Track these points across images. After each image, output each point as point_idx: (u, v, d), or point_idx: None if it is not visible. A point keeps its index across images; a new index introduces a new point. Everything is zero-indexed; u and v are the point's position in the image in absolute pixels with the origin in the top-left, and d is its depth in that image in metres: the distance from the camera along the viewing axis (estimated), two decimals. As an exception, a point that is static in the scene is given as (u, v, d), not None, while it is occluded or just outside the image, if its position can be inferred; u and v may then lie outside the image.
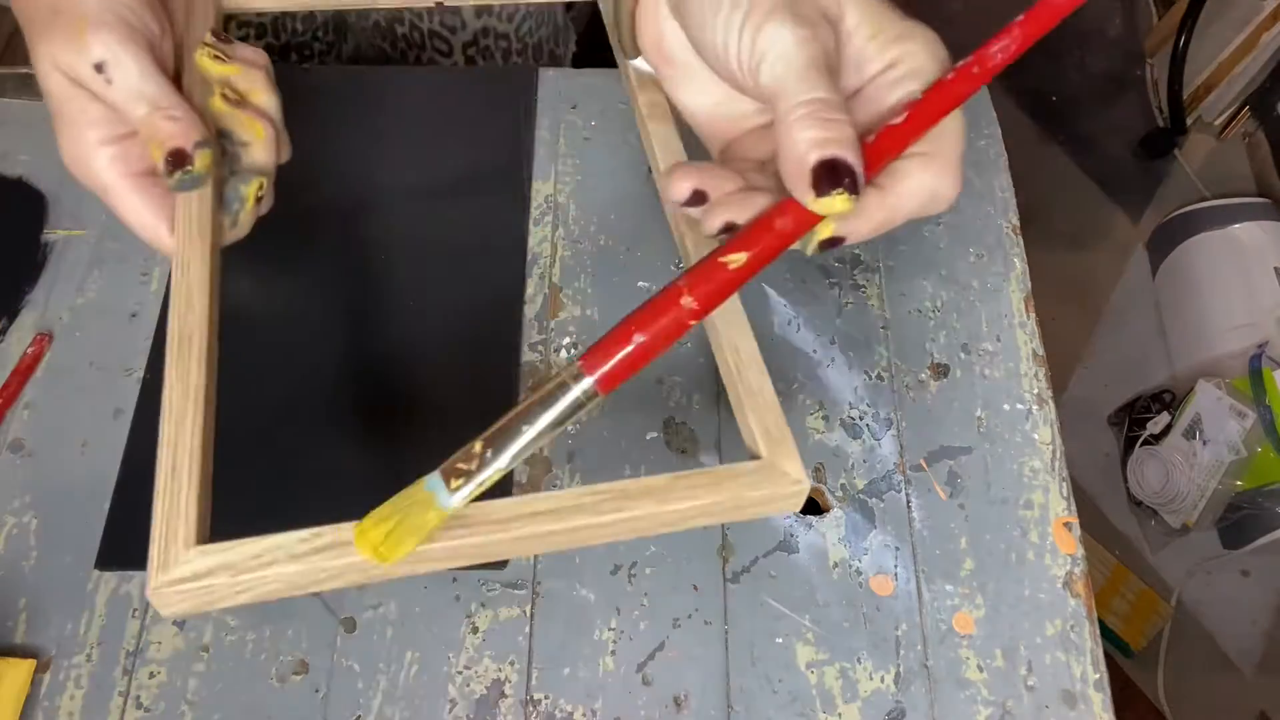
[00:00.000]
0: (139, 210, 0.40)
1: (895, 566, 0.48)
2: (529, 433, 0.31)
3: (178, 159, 0.38)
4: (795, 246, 0.33)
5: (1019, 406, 0.52)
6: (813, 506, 0.50)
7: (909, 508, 0.49)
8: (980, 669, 0.45)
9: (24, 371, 0.51)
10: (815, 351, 0.53)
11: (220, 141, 0.41)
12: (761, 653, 0.46)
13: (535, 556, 0.47)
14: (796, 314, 0.54)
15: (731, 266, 0.32)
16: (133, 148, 0.40)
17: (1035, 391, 0.52)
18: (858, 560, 0.48)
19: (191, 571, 0.30)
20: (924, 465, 0.50)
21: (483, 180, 0.58)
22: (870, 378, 0.52)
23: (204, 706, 0.44)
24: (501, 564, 0.47)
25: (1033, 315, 0.55)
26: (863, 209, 0.32)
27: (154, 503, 0.32)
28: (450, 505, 0.31)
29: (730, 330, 0.36)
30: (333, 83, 0.61)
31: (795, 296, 0.55)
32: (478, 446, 0.31)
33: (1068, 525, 0.49)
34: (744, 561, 0.47)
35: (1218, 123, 1.60)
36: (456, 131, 0.59)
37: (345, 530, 0.31)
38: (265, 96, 0.42)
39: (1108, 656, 0.46)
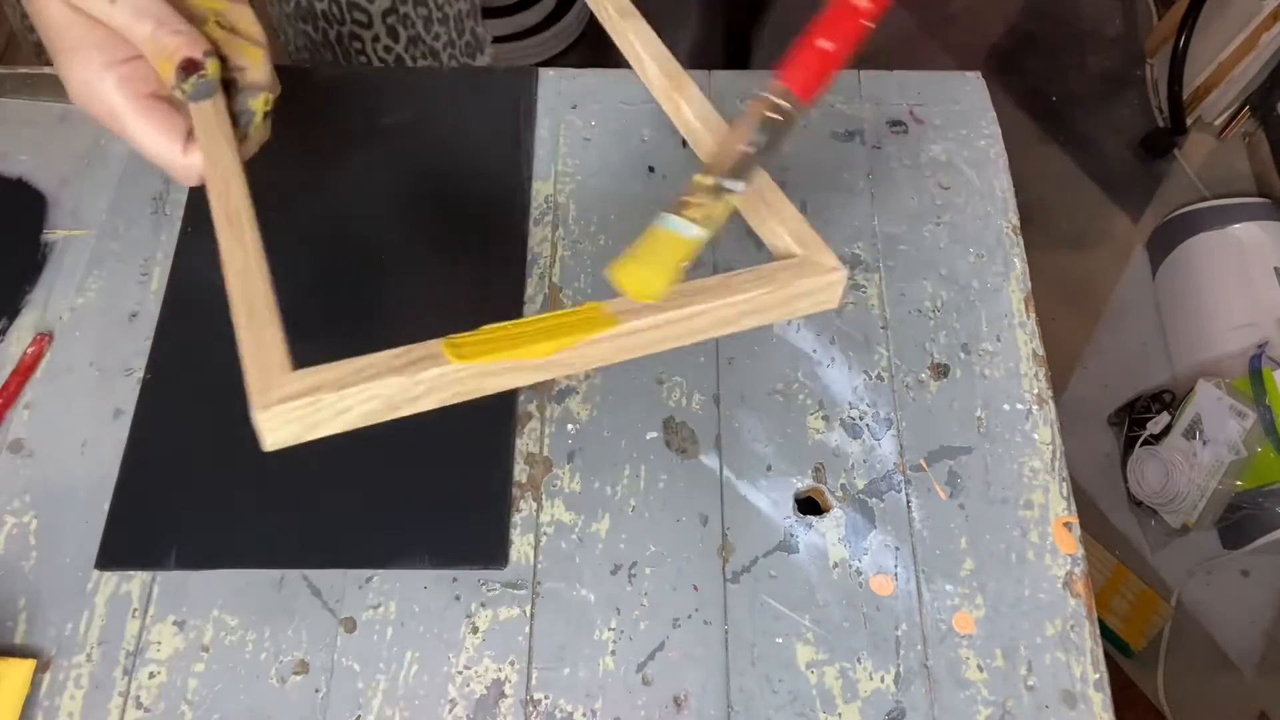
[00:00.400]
0: (149, 131, 0.40)
1: (895, 566, 0.48)
2: (751, 155, 0.32)
3: (190, 66, 0.39)
4: None
5: (1019, 406, 0.52)
6: (813, 506, 0.50)
7: (909, 508, 0.49)
8: (980, 669, 0.45)
9: (24, 371, 0.51)
10: (815, 351, 0.53)
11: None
12: (761, 653, 0.46)
13: (535, 557, 0.47)
14: (796, 314, 0.54)
15: None
16: (138, 69, 0.40)
17: (1035, 391, 0.52)
18: (858, 560, 0.48)
19: (296, 390, 0.30)
20: (924, 465, 0.50)
21: (482, 180, 0.58)
22: (870, 378, 0.52)
23: (204, 706, 0.44)
24: (502, 564, 0.47)
25: (1033, 315, 0.55)
26: None
27: (239, 345, 0.32)
28: (693, 234, 0.32)
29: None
30: (333, 83, 0.61)
31: (795, 296, 0.55)
32: (701, 179, 0.32)
33: (1068, 525, 0.49)
34: (744, 561, 0.47)
35: (1218, 123, 1.59)
36: (456, 131, 0.59)
37: (434, 345, 0.32)
38: (254, 28, 0.43)
39: (1108, 656, 0.46)
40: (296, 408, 0.30)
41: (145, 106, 0.40)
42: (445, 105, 0.60)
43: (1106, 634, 1.26)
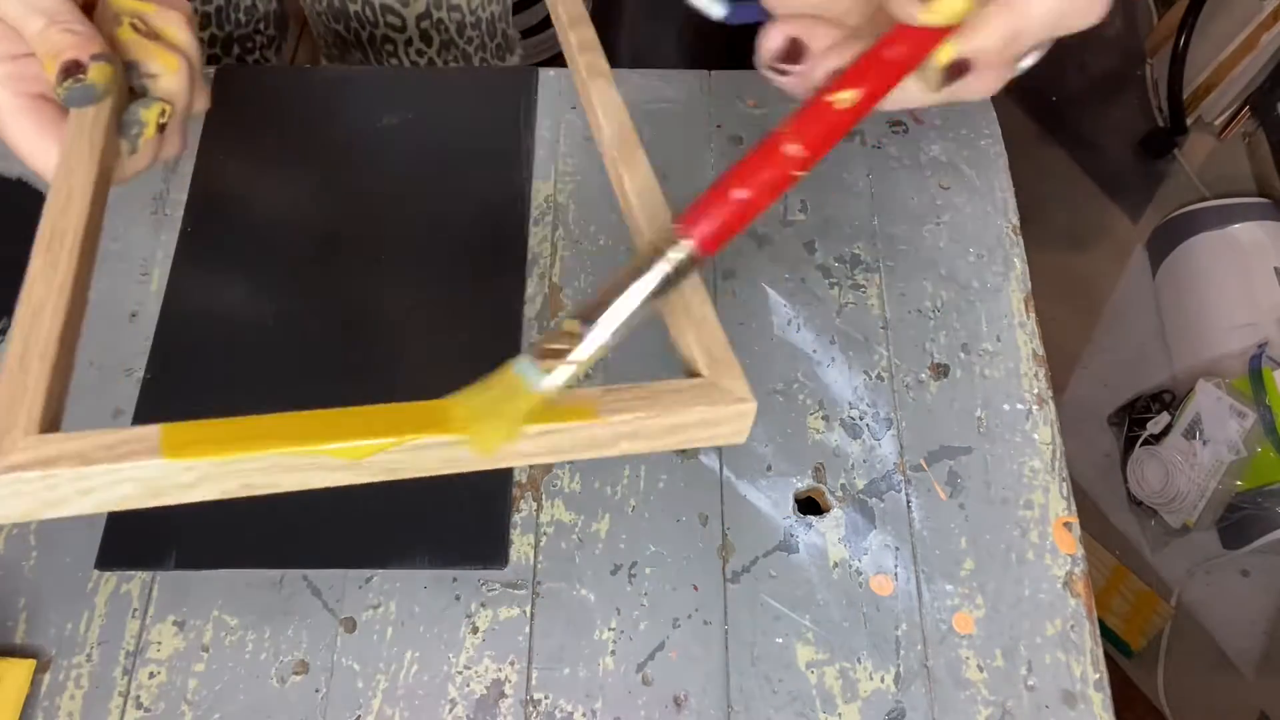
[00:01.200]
0: (26, 131, 0.37)
1: (895, 566, 0.48)
2: (625, 305, 0.28)
3: (71, 68, 0.35)
4: (915, 83, 0.30)
5: (1019, 406, 0.52)
6: (813, 506, 0.50)
7: (909, 508, 0.49)
8: (980, 669, 0.45)
9: (24, 371, 0.51)
10: (815, 351, 0.53)
11: (127, 74, 0.39)
12: (761, 653, 0.45)
13: (535, 557, 0.47)
14: (796, 314, 0.54)
15: (839, 106, 0.29)
16: (28, 68, 0.37)
17: (1035, 391, 0.52)
18: (858, 560, 0.48)
19: (27, 459, 0.25)
20: (924, 465, 0.50)
21: (483, 180, 0.58)
22: (870, 378, 0.52)
23: (204, 706, 0.44)
24: (502, 564, 0.47)
25: (1033, 315, 0.55)
26: (983, 18, 0.28)
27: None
28: (541, 387, 0.28)
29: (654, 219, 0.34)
30: (333, 83, 0.61)
31: (795, 296, 0.55)
32: (569, 324, 0.28)
33: (1068, 525, 0.49)
34: (744, 561, 0.47)
35: (1218, 123, 1.59)
36: (456, 132, 0.59)
37: (152, 432, 0.27)
38: (182, 35, 0.40)
39: (1108, 656, 0.46)
40: (25, 480, 0.25)
41: (26, 106, 0.37)
42: (445, 105, 0.60)
43: (1106, 634, 1.26)
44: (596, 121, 0.39)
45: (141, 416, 0.50)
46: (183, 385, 0.51)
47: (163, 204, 0.56)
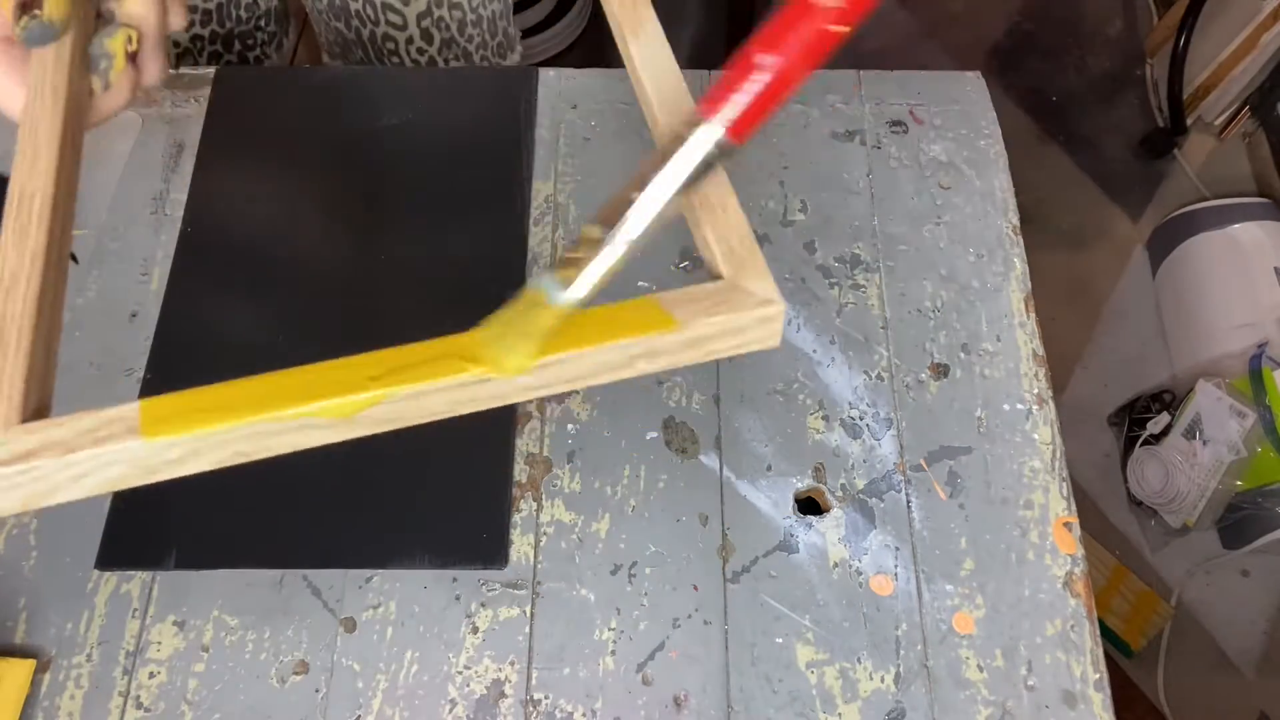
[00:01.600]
0: None
1: (895, 566, 0.48)
2: (647, 206, 0.25)
3: (26, 3, 0.33)
4: None
5: (1019, 406, 0.52)
6: (813, 506, 0.50)
7: (909, 508, 0.49)
8: (980, 669, 0.45)
9: (24, 371, 0.51)
10: (815, 351, 0.53)
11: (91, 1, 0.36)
12: (761, 653, 0.45)
13: (535, 557, 0.47)
14: (796, 314, 0.54)
15: None
16: None
17: (1035, 391, 0.52)
18: (858, 560, 0.48)
19: (10, 453, 0.24)
20: (924, 465, 0.50)
21: (483, 180, 0.58)
22: (870, 378, 0.52)
23: (204, 706, 0.44)
24: (502, 564, 0.47)
25: (1033, 315, 0.55)
26: None
27: None
28: (562, 300, 0.25)
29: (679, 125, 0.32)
30: (333, 83, 0.61)
31: (795, 296, 0.55)
32: (589, 230, 0.26)
33: (1068, 525, 0.49)
34: (744, 561, 0.47)
35: (1218, 123, 1.59)
36: (456, 131, 0.59)
37: (131, 412, 0.26)
38: None
39: (1108, 656, 0.46)
40: (13, 475, 0.24)
41: None
42: (445, 105, 0.60)
43: (1106, 634, 1.26)
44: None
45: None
46: (183, 385, 0.51)
47: (163, 204, 0.56)
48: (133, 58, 0.36)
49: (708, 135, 0.25)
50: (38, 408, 0.27)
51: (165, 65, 0.38)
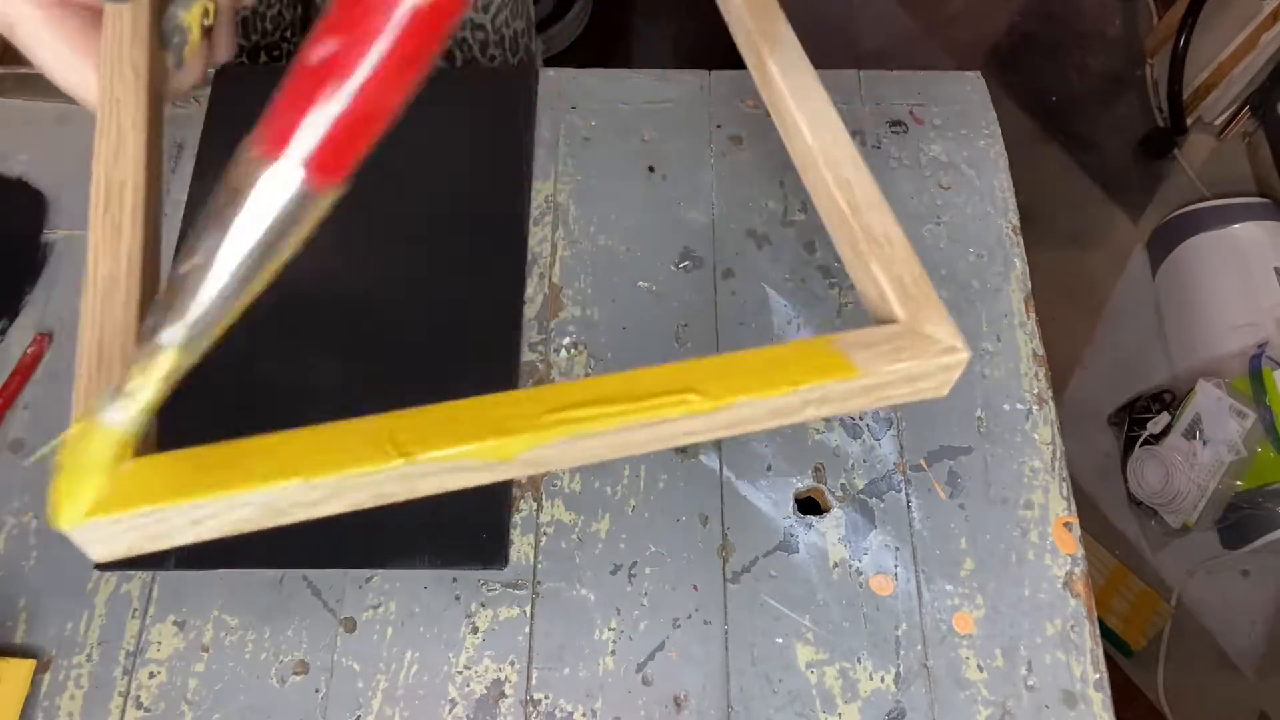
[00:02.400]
0: (56, 48, 0.32)
1: (895, 566, 0.48)
2: (214, 281, 0.20)
3: None
4: None
5: (1019, 406, 0.52)
6: (813, 506, 0.50)
7: (909, 508, 0.49)
8: (980, 669, 0.45)
9: (24, 371, 0.51)
10: (815, 351, 0.53)
11: None
12: (761, 653, 0.45)
13: (535, 557, 0.47)
14: (796, 314, 0.54)
15: None
16: None
17: (1035, 391, 0.52)
18: (858, 560, 0.48)
19: (128, 498, 0.21)
20: (924, 465, 0.50)
21: (483, 180, 0.58)
22: (870, 378, 0.52)
23: (204, 706, 0.44)
24: (502, 564, 0.47)
25: (1033, 315, 0.55)
26: None
27: (74, 399, 0.23)
28: (113, 420, 0.21)
29: (830, 148, 0.27)
30: (333, 83, 0.61)
31: (795, 296, 0.55)
32: (145, 326, 0.21)
33: (1068, 525, 0.49)
34: (744, 561, 0.47)
35: (1218, 123, 1.59)
36: (457, 131, 0.59)
37: (377, 428, 0.24)
38: None
39: (1108, 656, 0.46)
40: (129, 519, 0.21)
41: (51, 17, 0.32)
42: (445, 105, 0.60)
43: (1106, 634, 1.26)
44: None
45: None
46: (182, 385, 0.51)
47: (162, 204, 0.56)
48: (208, 32, 0.33)
49: (282, 181, 0.19)
50: (149, 436, 0.24)
51: (234, 40, 0.35)
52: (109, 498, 0.21)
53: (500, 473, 0.23)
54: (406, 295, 0.54)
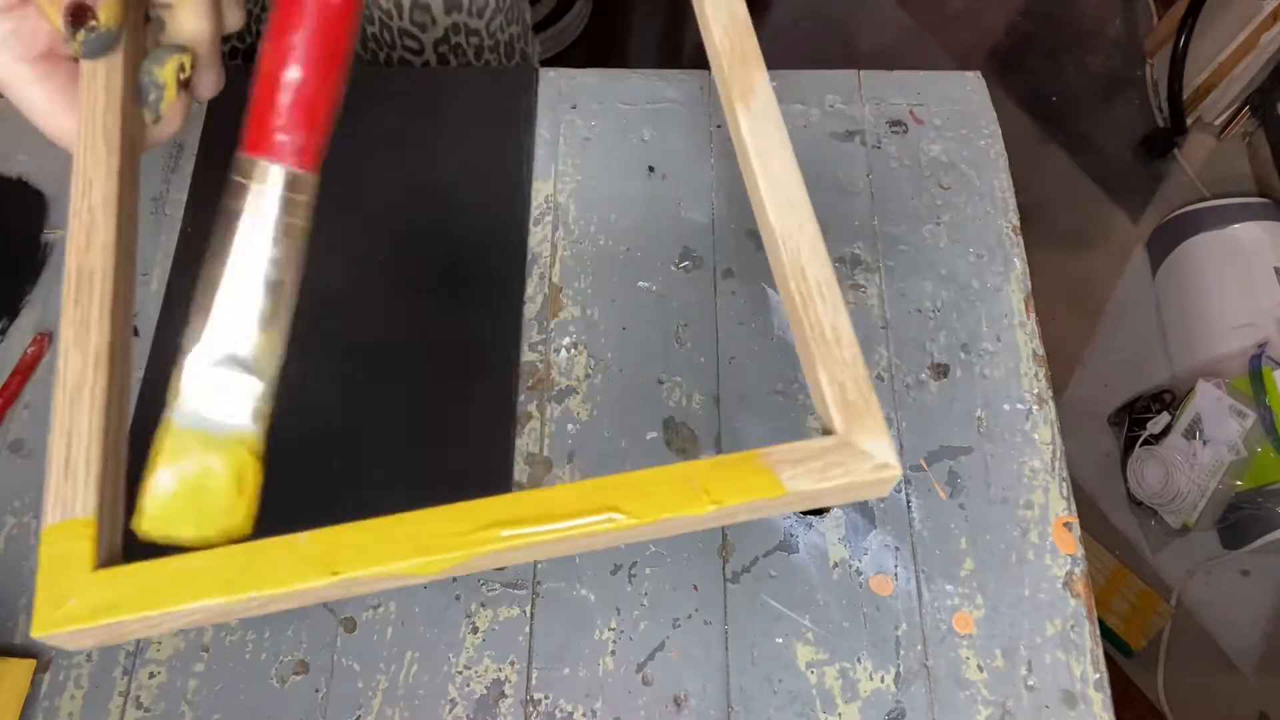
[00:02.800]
0: (41, 102, 0.32)
1: (895, 566, 0.48)
2: (231, 286, 0.23)
3: (78, 14, 0.30)
4: None
5: (1019, 406, 0.52)
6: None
7: (909, 508, 0.49)
8: (980, 669, 0.45)
9: (24, 371, 0.51)
10: (815, 351, 0.53)
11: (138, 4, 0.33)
12: (761, 653, 0.46)
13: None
14: (796, 314, 0.54)
15: None
16: (26, 24, 0.32)
17: (1035, 391, 0.52)
18: (858, 560, 0.48)
19: (92, 610, 0.23)
20: (924, 465, 0.50)
21: (483, 180, 0.58)
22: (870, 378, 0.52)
23: (204, 706, 0.44)
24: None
25: (1033, 315, 0.55)
26: None
27: (43, 506, 0.24)
28: (227, 426, 0.23)
29: (793, 232, 0.27)
30: (333, 83, 0.61)
31: (795, 296, 0.55)
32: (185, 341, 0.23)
33: (1068, 525, 0.49)
34: (744, 561, 0.47)
35: (1218, 123, 1.59)
36: (456, 131, 0.59)
37: (294, 548, 0.25)
38: None
39: (1108, 656, 0.46)
40: (93, 631, 0.23)
41: (37, 73, 0.31)
42: (445, 105, 0.60)
43: (1106, 634, 1.26)
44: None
45: (141, 417, 0.50)
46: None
47: (163, 204, 0.56)
48: (185, 84, 0.33)
49: (274, 180, 0.22)
50: (111, 547, 0.24)
51: (221, 75, 0.35)
52: (78, 611, 0.23)
53: (427, 578, 0.25)
54: (406, 296, 0.54)
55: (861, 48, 1.68)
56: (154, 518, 0.24)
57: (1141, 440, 1.34)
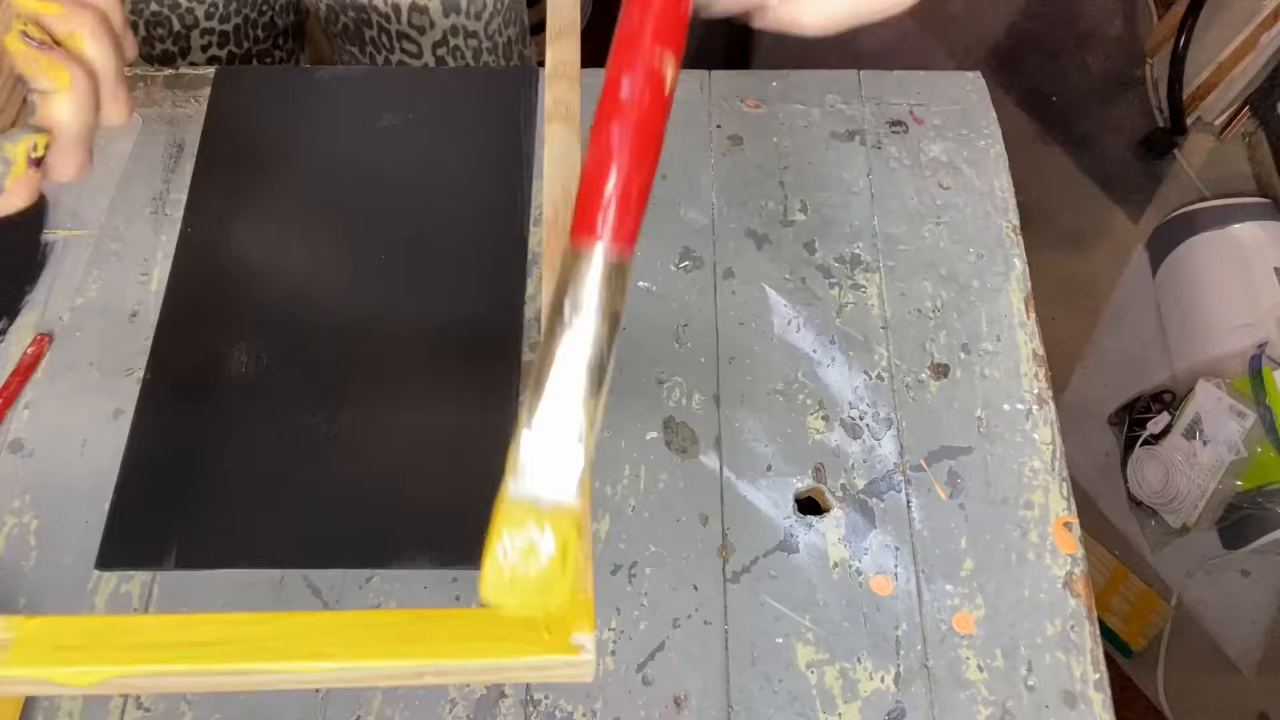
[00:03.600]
0: None
1: (895, 566, 0.48)
2: (575, 343, 0.25)
3: None
4: None
5: (1019, 406, 0.52)
6: (813, 506, 0.50)
7: (909, 508, 0.49)
8: (980, 669, 0.45)
9: (24, 371, 0.51)
10: (815, 351, 0.53)
11: (19, 86, 0.34)
12: (761, 653, 0.45)
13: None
14: (796, 314, 0.54)
15: None
16: None
17: (1035, 391, 0.52)
18: (858, 560, 0.48)
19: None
20: (924, 465, 0.50)
21: (483, 180, 0.58)
22: (870, 378, 0.52)
23: (204, 706, 0.44)
24: None
25: (1033, 315, 0.55)
26: None
27: None
28: (557, 499, 0.24)
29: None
30: (333, 83, 0.61)
31: (795, 296, 0.55)
32: (522, 415, 0.25)
33: (1068, 525, 0.49)
34: (744, 561, 0.47)
35: (1218, 123, 1.59)
36: (457, 132, 0.59)
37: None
38: (92, 46, 0.35)
39: (1108, 656, 0.46)
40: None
41: None
42: (446, 105, 0.60)
43: (1106, 634, 1.26)
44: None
45: (141, 416, 0.50)
46: (183, 385, 0.51)
47: (163, 204, 0.56)
48: (38, 162, 0.34)
49: (598, 259, 0.25)
50: None
51: (86, 161, 0.36)
52: None
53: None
54: (408, 297, 0.54)
55: (861, 48, 1.68)
56: (489, 582, 0.25)
57: (1141, 440, 1.34)
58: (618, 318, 0.26)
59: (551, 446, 0.25)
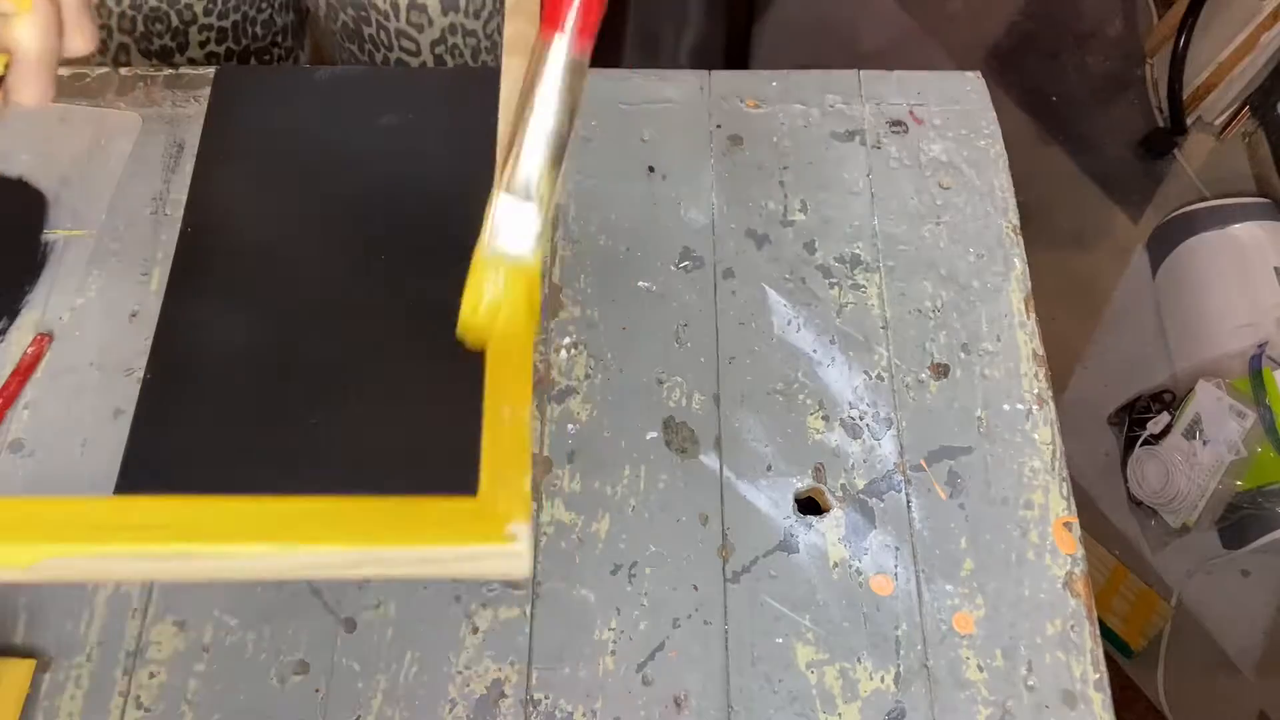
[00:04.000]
0: None
1: (895, 566, 0.48)
2: (532, 141, 0.31)
3: None
4: None
5: (1019, 406, 0.52)
6: (813, 506, 0.50)
7: (909, 508, 0.49)
8: (980, 669, 0.45)
9: (24, 371, 0.51)
10: (815, 351, 0.53)
11: None
12: (761, 653, 0.45)
13: (536, 557, 0.47)
14: (796, 314, 0.54)
15: None
16: None
17: (1035, 391, 0.52)
18: (858, 560, 0.48)
19: None
20: (924, 465, 0.50)
21: (483, 180, 0.58)
22: (870, 378, 0.52)
23: (204, 706, 0.44)
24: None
25: (1033, 315, 0.55)
26: None
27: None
28: (519, 251, 0.30)
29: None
30: (332, 83, 0.61)
31: (795, 296, 0.55)
32: (500, 173, 0.31)
33: (1068, 525, 0.49)
34: (744, 561, 0.47)
35: (1218, 123, 1.59)
36: (457, 131, 0.59)
37: None
38: None
39: (1108, 656, 0.46)
40: None
41: None
42: (446, 105, 0.60)
43: (1106, 634, 1.26)
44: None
45: (141, 416, 0.50)
46: (183, 385, 0.51)
47: (163, 204, 0.56)
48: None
49: (561, 51, 0.30)
50: None
51: (45, 89, 0.36)
52: None
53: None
54: (406, 294, 0.54)
55: (861, 48, 1.68)
56: (465, 318, 0.30)
57: (1141, 440, 1.34)
58: (576, 108, 0.32)
59: (517, 207, 0.32)
